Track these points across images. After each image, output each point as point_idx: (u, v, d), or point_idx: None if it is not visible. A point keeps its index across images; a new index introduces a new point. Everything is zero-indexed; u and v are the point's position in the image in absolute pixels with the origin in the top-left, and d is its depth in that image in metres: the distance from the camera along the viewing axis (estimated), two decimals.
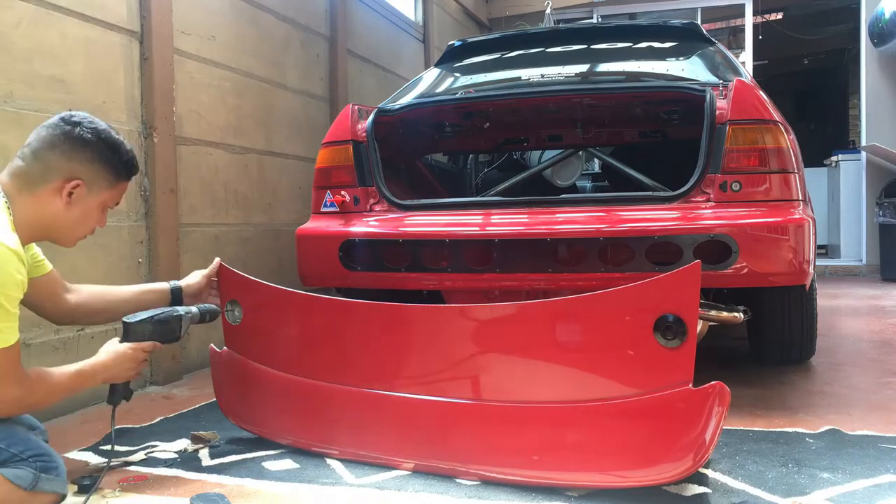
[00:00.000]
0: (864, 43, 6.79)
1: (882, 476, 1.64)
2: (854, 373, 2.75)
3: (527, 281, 2.27)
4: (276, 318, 2.02)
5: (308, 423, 1.94)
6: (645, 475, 1.54)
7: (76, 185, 1.56)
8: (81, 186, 1.57)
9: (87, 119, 1.60)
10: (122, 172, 1.64)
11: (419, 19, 6.03)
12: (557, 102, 2.72)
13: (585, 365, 1.66)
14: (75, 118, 1.58)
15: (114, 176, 1.62)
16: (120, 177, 1.64)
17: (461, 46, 3.39)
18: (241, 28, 3.44)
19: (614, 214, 2.23)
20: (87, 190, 1.58)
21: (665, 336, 1.56)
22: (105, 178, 1.61)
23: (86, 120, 1.59)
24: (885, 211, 6.21)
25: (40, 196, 1.55)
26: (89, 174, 1.58)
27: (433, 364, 1.82)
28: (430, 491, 1.63)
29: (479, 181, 3.75)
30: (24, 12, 2.29)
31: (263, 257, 3.55)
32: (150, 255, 2.78)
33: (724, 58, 2.92)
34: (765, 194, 2.14)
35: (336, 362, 1.91)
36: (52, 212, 1.56)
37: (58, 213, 1.56)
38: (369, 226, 2.44)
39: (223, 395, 2.11)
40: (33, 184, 1.54)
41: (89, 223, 1.64)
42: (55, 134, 1.56)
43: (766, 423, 2.08)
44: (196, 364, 3.05)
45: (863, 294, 5.37)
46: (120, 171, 1.63)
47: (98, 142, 1.58)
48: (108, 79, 2.63)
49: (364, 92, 4.72)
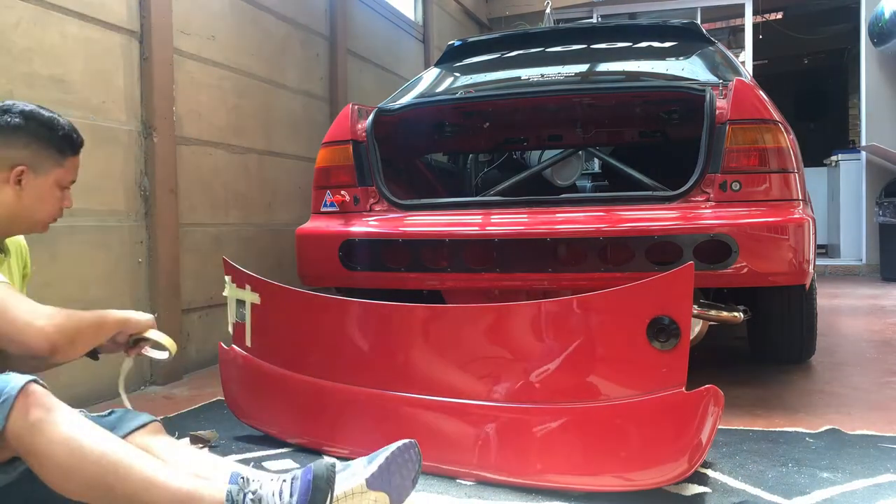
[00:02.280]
0: (863, 43, 6.79)
1: (882, 476, 1.64)
2: (854, 372, 2.76)
3: (527, 281, 2.27)
4: (282, 316, 2.02)
5: (316, 422, 1.94)
6: (639, 478, 1.54)
7: (21, 172, 1.53)
8: (26, 171, 1.53)
9: (16, 105, 1.56)
10: (65, 147, 1.59)
11: (419, 19, 6.03)
12: (557, 102, 2.72)
13: (578, 367, 1.66)
14: (3, 107, 1.54)
15: (57, 153, 1.58)
16: (64, 152, 1.59)
17: (461, 46, 3.39)
18: (241, 28, 3.44)
19: (614, 214, 2.23)
20: (33, 173, 1.55)
21: (658, 338, 1.56)
22: (48, 157, 1.57)
23: (14, 106, 1.56)
24: (885, 210, 6.21)
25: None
26: (30, 157, 1.54)
27: (433, 364, 1.82)
28: (431, 491, 1.63)
29: (479, 181, 3.75)
30: (23, 12, 2.29)
31: (263, 257, 3.55)
32: (150, 255, 2.78)
33: (724, 57, 2.92)
34: (765, 194, 2.14)
35: (343, 362, 1.92)
36: (6, 202, 1.53)
37: (11, 203, 1.54)
38: (369, 225, 2.44)
39: (230, 393, 2.12)
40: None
41: (50, 205, 1.59)
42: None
43: (766, 423, 2.08)
44: (196, 364, 3.05)
45: (863, 294, 5.37)
46: (62, 146, 1.58)
47: (28, 123, 1.54)
48: (108, 79, 2.63)
49: (364, 92, 4.72)
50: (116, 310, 1.58)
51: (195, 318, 3.06)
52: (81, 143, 1.63)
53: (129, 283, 2.70)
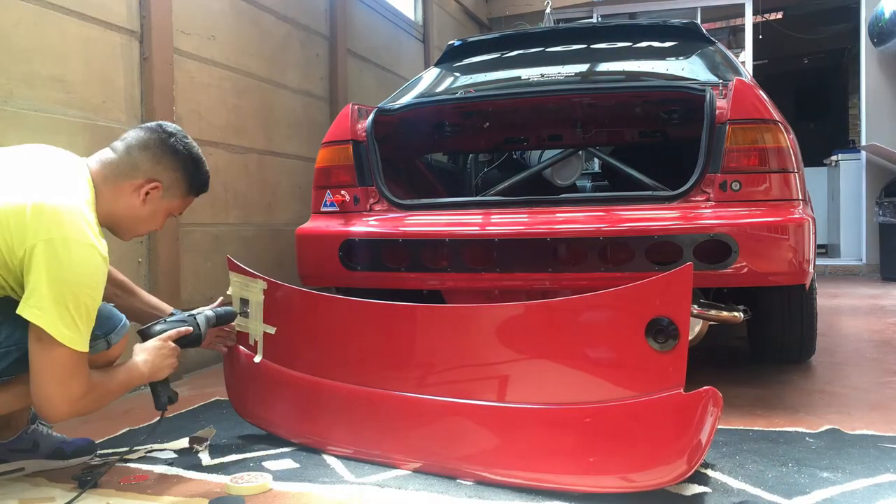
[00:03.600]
0: (863, 42, 6.79)
1: (882, 475, 1.64)
2: (854, 372, 2.76)
3: (527, 281, 2.27)
4: (287, 315, 2.02)
5: (318, 421, 1.94)
6: (639, 479, 1.53)
7: (155, 187, 1.69)
8: (159, 189, 1.70)
9: (182, 133, 1.76)
10: (195, 187, 1.79)
11: (419, 19, 6.03)
12: (557, 102, 2.72)
13: (577, 367, 1.66)
14: (171, 129, 1.74)
15: (188, 188, 1.77)
16: (192, 191, 1.78)
17: (461, 46, 3.39)
18: (241, 28, 3.44)
19: (614, 214, 2.23)
20: (162, 193, 1.71)
21: (657, 339, 1.55)
22: (181, 188, 1.75)
23: (180, 133, 1.75)
24: (885, 210, 6.21)
25: (122, 189, 1.67)
26: (169, 180, 1.72)
27: (433, 364, 1.83)
28: (431, 490, 1.63)
29: (479, 181, 3.75)
30: (23, 12, 2.29)
31: (263, 257, 3.55)
32: (150, 254, 2.78)
33: (724, 57, 2.92)
34: (765, 194, 2.14)
35: (345, 361, 1.93)
36: (128, 205, 1.68)
37: (132, 208, 1.69)
38: (369, 225, 2.44)
39: (234, 392, 2.13)
40: (119, 176, 1.66)
41: (152, 224, 1.77)
42: (151, 137, 1.70)
43: (766, 423, 2.08)
44: (196, 364, 3.06)
45: (863, 293, 5.37)
46: (194, 185, 1.78)
47: (187, 155, 1.74)
48: (108, 78, 2.63)
49: (364, 92, 4.72)
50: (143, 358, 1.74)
51: None
52: (206, 191, 1.85)
53: None
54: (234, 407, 2.14)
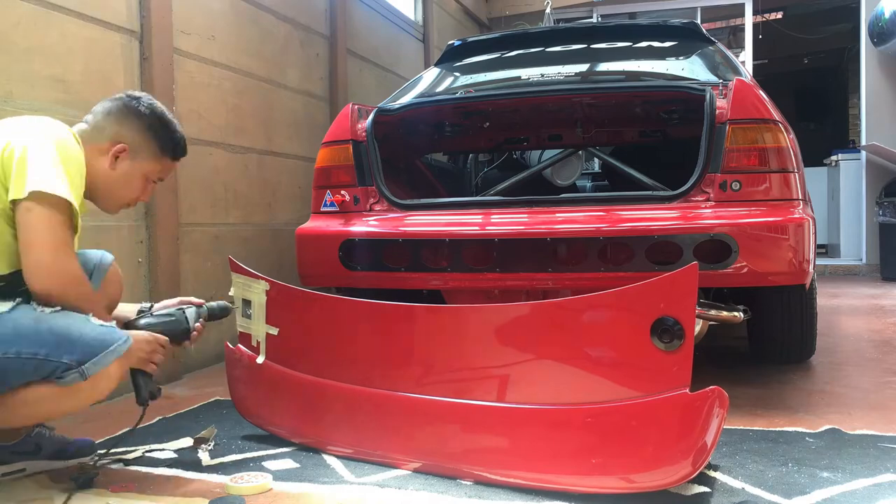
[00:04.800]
0: (863, 42, 6.79)
1: (882, 475, 1.64)
2: (854, 372, 2.76)
3: (526, 280, 2.27)
4: (289, 316, 2.02)
5: (320, 422, 1.94)
6: (643, 480, 1.53)
7: (122, 149, 1.71)
8: (126, 151, 1.71)
9: (148, 98, 1.78)
10: (168, 148, 1.77)
11: (419, 19, 6.03)
12: (557, 102, 2.72)
13: (582, 367, 1.65)
14: (137, 95, 1.76)
15: (159, 149, 1.76)
16: (165, 151, 1.77)
17: (461, 46, 3.39)
18: (241, 28, 3.44)
19: (614, 214, 2.23)
20: (130, 156, 1.72)
21: (662, 339, 1.55)
22: (150, 148, 1.74)
23: (146, 97, 1.76)
24: (885, 210, 6.21)
25: (92, 154, 1.69)
26: (135, 142, 1.72)
27: (433, 364, 1.83)
28: (431, 490, 1.63)
29: (479, 181, 3.75)
30: (23, 12, 2.29)
31: (263, 257, 3.55)
32: (149, 254, 2.78)
33: (724, 57, 2.92)
34: (765, 194, 2.14)
35: (346, 361, 1.92)
36: (98, 169, 1.69)
37: (101, 171, 1.70)
38: (369, 225, 2.44)
39: (236, 392, 2.13)
40: (87, 142, 1.69)
41: (130, 190, 1.76)
42: (115, 103, 1.74)
43: (766, 423, 2.08)
44: (196, 364, 3.06)
45: (863, 293, 5.37)
46: (166, 145, 1.76)
47: (150, 115, 1.74)
48: (108, 78, 2.63)
49: (364, 92, 4.72)
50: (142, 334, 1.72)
51: None
52: (183, 154, 1.83)
53: (129, 283, 2.69)
54: (237, 408, 2.14)
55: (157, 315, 1.82)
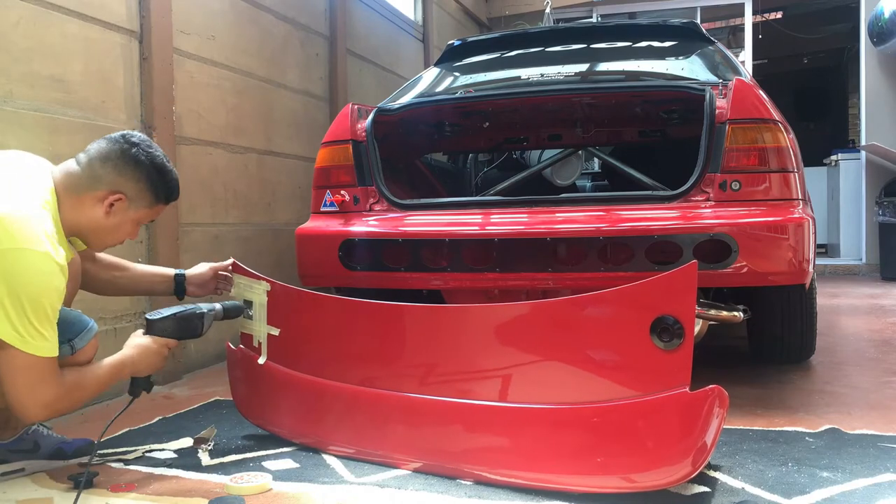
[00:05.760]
0: (863, 42, 6.79)
1: (882, 475, 1.64)
2: (854, 372, 2.75)
3: (526, 280, 2.27)
4: (290, 317, 2.02)
5: (321, 422, 1.94)
6: (643, 479, 1.53)
7: (118, 199, 1.68)
8: (123, 200, 1.69)
9: (146, 142, 1.73)
10: (163, 197, 1.76)
11: (419, 19, 6.03)
12: (557, 102, 2.72)
13: (581, 367, 1.65)
14: (134, 139, 1.71)
15: (154, 198, 1.74)
16: (159, 200, 1.76)
17: (461, 46, 3.39)
18: (240, 28, 3.43)
19: (614, 214, 2.23)
20: (127, 205, 1.70)
21: (662, 338, 1.55)
22: (146, 198, 1.73)
23: (144, 143, 1.72)
24: (885, 210, 6.22)
25: (84, 201, 1.66)
26: (133, 191, 1.70)
27: (434, 364, 1.83)
28: (431, 490, 1.63)
29: (479, 181, 3.75)
30: (23, 12, 2.29)
31: (263, 257, 3.55)
32: (149, 254, 2.78)
33: (724, 57, 2.92)
34: (764, 193, 2.14)
35: (347, 361, 1.93)
36: (91, 217, 1.67)
37: (95, 220, 1.68)
38: (369, 225, 2.44)
39: (238, 393, 2.13)
40: (81, 188, 1.66)
41: (121, 234, 1.76)
42: (113, 148, 1.68)
43: (765, 423, 2.08)
44: (196, 363, 3.06)
45: (862, 293, 5.37)
46: (160, 195, 1.75)
47: (149, 165, 1.70)
48: (108, 78, 2.63)
49: (364, 91, 4.72)
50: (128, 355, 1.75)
51: None
52: (176, 198, 1.82)
53: None
54: (239, 409, 2.14)
55: (174, 316, 1.82)
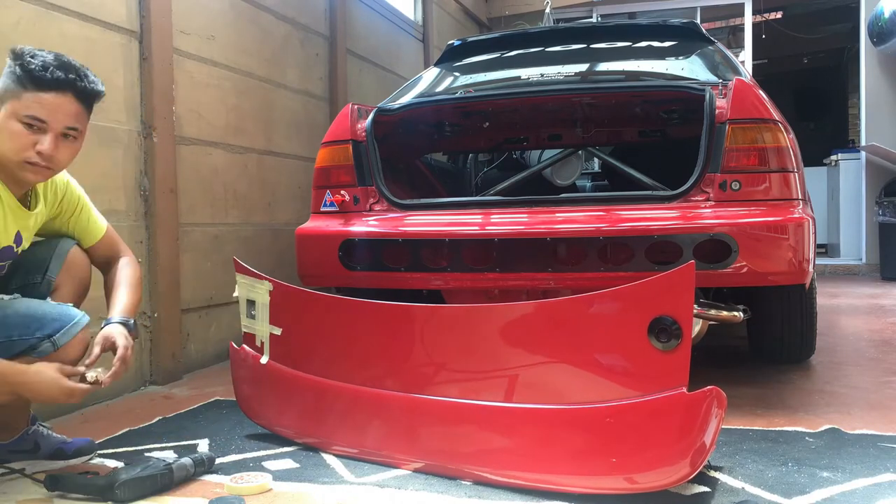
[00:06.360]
0: (863, 42, 6.79)
1: (882, 475, 1.64)
2: (854, 372, 2.75)
3: (526, 280, 2.27)
4: (293, 316, 2.02)
5: (324, 422, 1.94)
6: (641, 480, 1.53)
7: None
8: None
9: (20, 46, 1.56)
10: (26, 81, 1.53)
11: (419, 19, 6.03)
12: (557, 102, 2.72)
13: (579, 367, 1.65)
14: (16, 49, 1.55)
15: (17, 85, 1.53)
16: (24, 85, 1.53)
17: (461, 46, 3.39)
18: (240, 28, 3.43)
19: (614, 214, 2.23)
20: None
21: (659, 338, 1.55)
22: (8, 90, 1.54)
23: (15, 47, 1.55)
24: (885, 210, 6.21)
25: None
26: None
27: (434, 365, 1.83)
28: (431, 491, 1.63)
29: (479, 181, 3.75)
30: (23, 12, 2.29)
31: (263, 257, 3.55)
32: (149, 254, 2.78)
33: (724, 57, 2.92)
34: (764, 193, 2.14)
35: (350, 362, 1.93)
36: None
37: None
38: (369, 225, 2.44)
39: (241, 393, 2.14)
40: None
41: (9, 141, 1.54)
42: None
43: (765, 423, 2.08)
44: (196, 364, 3.06)
45: (862, 293, 5.37)
46: (24, 79, 1.52)
47: (9, 55, 1.54)
48: (108, 78, 2.61)
49: (364, 91, 4.72)
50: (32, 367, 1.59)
51: (195, 317, 3.06)
52: (50, 80, 1.54)
53: None
54: (241, 408, 2.14)
55: (143, 468, 1.63)
